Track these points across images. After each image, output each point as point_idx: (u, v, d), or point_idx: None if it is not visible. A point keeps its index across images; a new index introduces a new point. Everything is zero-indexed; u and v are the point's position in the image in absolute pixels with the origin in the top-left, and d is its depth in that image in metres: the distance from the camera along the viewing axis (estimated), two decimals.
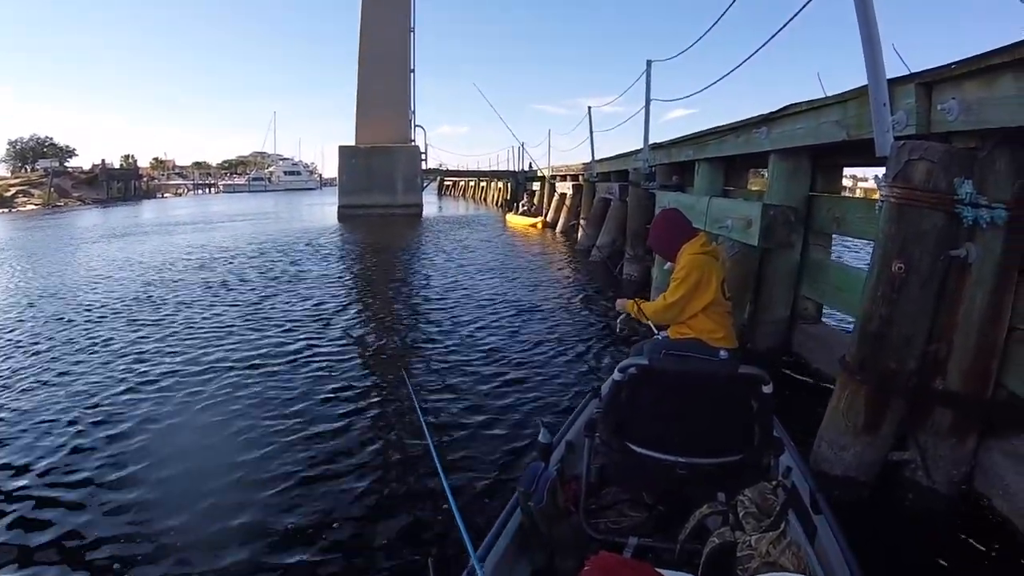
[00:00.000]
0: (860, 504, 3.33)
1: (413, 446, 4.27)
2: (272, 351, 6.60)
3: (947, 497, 3.27)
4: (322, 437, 4.46)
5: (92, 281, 11.55)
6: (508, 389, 5.45)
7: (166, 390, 5.44)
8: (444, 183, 61.64)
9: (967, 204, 3.03)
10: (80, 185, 47.21)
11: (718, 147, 7.10)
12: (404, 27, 30.82)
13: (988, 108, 2.94)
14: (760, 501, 2.03)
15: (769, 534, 1.90)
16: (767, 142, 5.63)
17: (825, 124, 4.57)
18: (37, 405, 5.11)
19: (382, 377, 5.91)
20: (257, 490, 3.70)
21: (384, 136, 29.65)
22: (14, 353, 6.72)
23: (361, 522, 3.40)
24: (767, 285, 5.74)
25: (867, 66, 3.40)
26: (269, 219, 29.50)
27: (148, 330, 7.62)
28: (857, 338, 3.49)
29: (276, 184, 79.41)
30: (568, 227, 19.61)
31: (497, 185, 41.42)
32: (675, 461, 2.55)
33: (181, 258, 14.92)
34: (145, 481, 3.85)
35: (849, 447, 3.40)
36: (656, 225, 3.45)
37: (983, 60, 2.88)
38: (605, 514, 2.74)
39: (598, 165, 15.83)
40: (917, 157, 3.13)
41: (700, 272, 3.04)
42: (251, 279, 11.58)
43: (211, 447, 4.32)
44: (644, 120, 10.57)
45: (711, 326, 3.04)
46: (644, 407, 2.62)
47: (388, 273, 13.10)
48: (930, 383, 3.29)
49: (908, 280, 3.20)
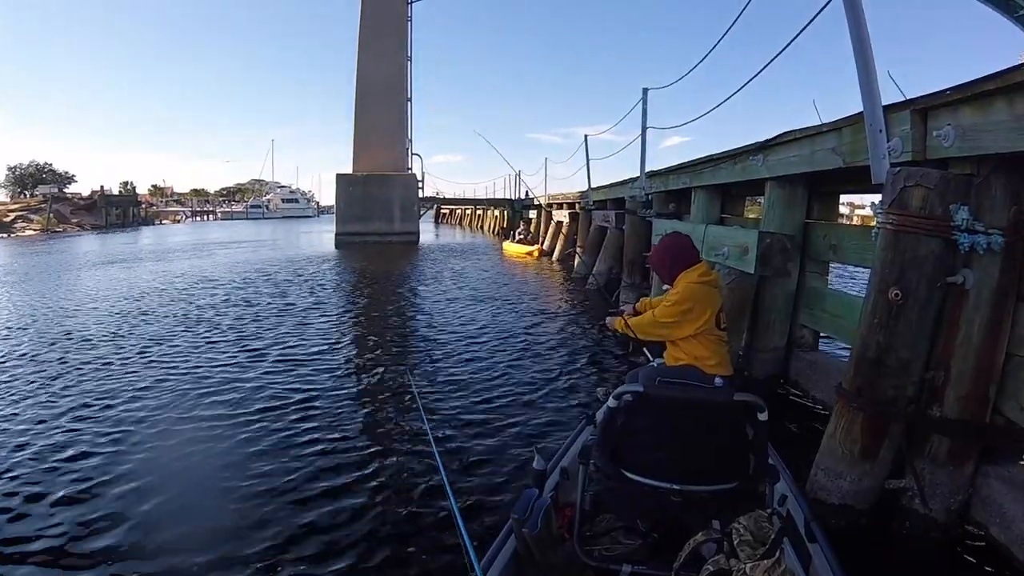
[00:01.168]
0: (857, 532, 3.28)
1: (416, 470, 4.28)
2: (271, 383, 6.54)
3: (944, 525, 3.22)
4: (323, 455, 4.51)
5: (111, 303, 11.56)
6: (503, 415, 5.39)
7: (182, 398, 5.68)
8: (441, 211, 61.90)
9: (964, 230, 3.03)
10: (79, 211, 47.27)
11: (714, 175, 7.13)
12: (401, 57, 31.19)
13: (983, 134, 2.95)
14: (755, 529, 2.00)
15: (764, 562, 1.87)
16: (763, 169, 5.65)
17: (820, 151, 4.59)
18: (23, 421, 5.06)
19: (382, 399, 5.90)
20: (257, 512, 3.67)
21: (381, 164, 29.84)
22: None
23: (355, 549, 3.34)
24: (764, 313, 5.72)
25: (862, 92, 3.42)
26: (266, 246, 29.49)
27: (168, 342, 7.76)
28: (854, 365, 3.46)
29: (274, 211, 79.62)
30: (564, 255, 19.65)
31: (493, 213, 41.67)
32: (670, 488, 2.52)
33: (186, 281, 15.03)
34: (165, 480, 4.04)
35: (846, 474, 3.36)
36: (661, 245, 3.41)
37: (977, 86, 2.89)
38: (599, 541, 2.70)
39: (594, 193, 15.89)
40: (913, 183, 3.14)
41: (692, 302, 3.01)
42: (247, 304, 11.56)
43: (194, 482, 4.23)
44: (640, 148, 10.64)
45: (705, 352, 3.00)
46: (639, 434, 2.61)
47: (386, 298, 13.07)
48: (927, 410, 3.26)
49: (905, 307, 3.19)
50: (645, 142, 10.61)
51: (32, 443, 4.71)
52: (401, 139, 31.52)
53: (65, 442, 4.73)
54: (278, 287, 14.20)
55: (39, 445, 4.67)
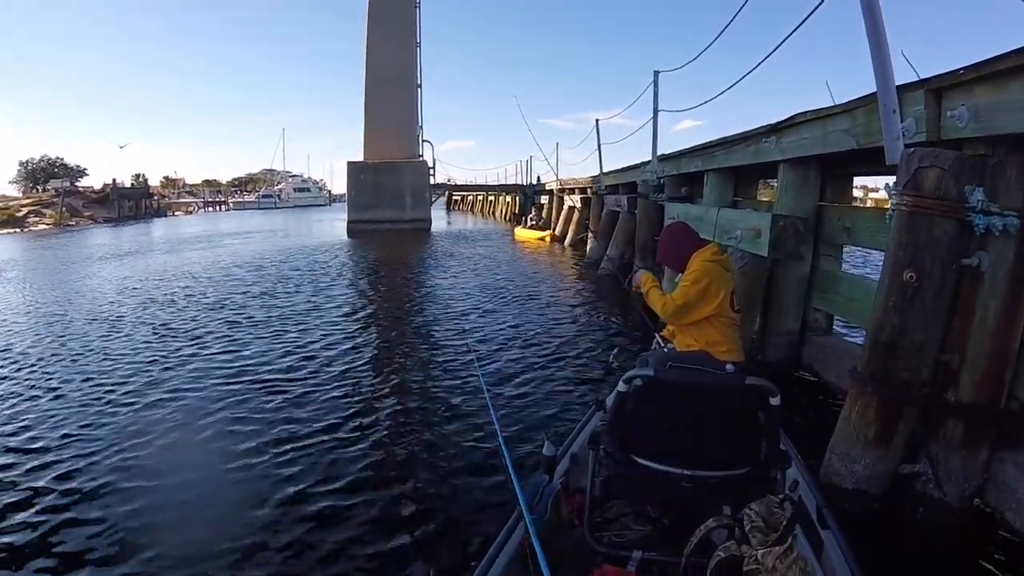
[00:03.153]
0: (871, 517, 3.26)
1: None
2: (285, 362, 6.81)
3: (959, 510, 3.20)
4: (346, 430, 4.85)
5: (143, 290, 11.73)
6: (513, 400, 5.44)
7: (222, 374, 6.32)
8: (452, 198, 61.79)
9: (978, 212, 2.98)
10: (91, 204, 47.42)
11: (726, 158, 7.06)
12: (410, 43, 31.08)
13: (998, 114, 2.89)
14: (767, 515, 1.98)
15: (776, 549, 1.85)
16: (776, 152, 5.59)
17: (834, 133, 4.53)
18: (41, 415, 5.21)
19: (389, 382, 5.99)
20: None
21: (392, 151, 29.80)
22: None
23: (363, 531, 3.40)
24: (777, 296, 5.68)
25: (875, 72, 3.36)
26: (279, 235, 29.64)
27: (193, 324, 8.63)
28: (868, 349, 3.43)
29: (286, 201, 79.71)
30: (577, 240, 19.64)
31: (505, 199, 41.53)
32: (680, 474, 2.50)
33: (204, 269, 15.40)
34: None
35: (860, 459, 3.34)
36: (664, 239, 3.37)
37: (992, 65, 2.84)
38: (609, 527, 2.70)
39: (606, 178, 15.81)
40: (927, 165, 3.09)
41: (710, 278, 2.96)
42: (262, 294, 11.68)
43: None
44: (652, 131, 10.57)
45: (717, 337, 2.96)
46: (649, 419, 2.58)
47: (400, 285, 13.24)
48: (942, 394, 3.23)
49: (920, 289, 3.15)
50: (657, 125, 10.54)
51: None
52: (412, 126, 31.45)
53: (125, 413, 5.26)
54: (294, 273, 14.47)
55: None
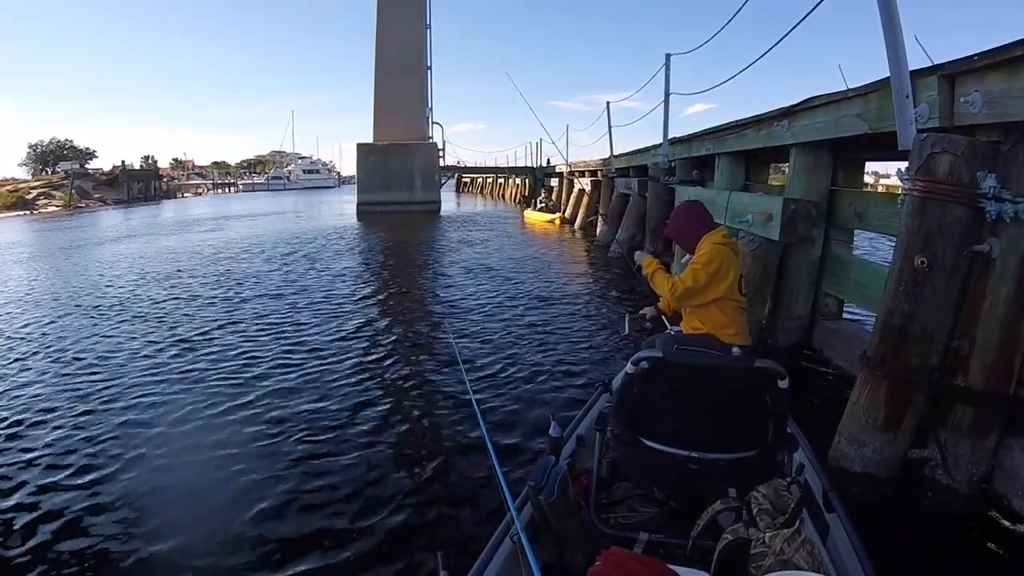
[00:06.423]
0: (878, 501, 3.29)
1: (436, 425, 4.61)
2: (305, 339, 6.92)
3: (966, 496, 3.21)
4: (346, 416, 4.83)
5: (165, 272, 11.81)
6: (520, 381, 5.48)
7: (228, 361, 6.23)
8: (462, 180, 61.63)
9: (990, 198, 2.97)
10: (101, 186, 47.43)
11: (738, 141, 7.02)
12: (420, 25, 30.81)
13: (1012, 101, 2.87)
14: (774, 498, 2.00)
15: (784, 531, 1.87)
16: (788, 135, 5.55)
17: (846, 117, 4.50)
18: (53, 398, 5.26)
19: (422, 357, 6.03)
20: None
21: (402, 133, 29.71)
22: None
23: (367, 515, 3.44)
24: (787, 280, 5.68)
25: (889, 58, 3.33)
26: (289, 217, 29.68)
27: (208, 311, 8.55)
28: (878, 333, 3.43)
29: (295, 183, 79.46)
30: (586, 223, 19.58)
31: (515, 181, 41.35)
32: (687, 456, 2.51)
33: (216, 250, 15.40)
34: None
35: (868, 443, 3.35)
36: (677, 214, 3.32)
37: (1006, 52, 2.81)
38: (616, 509, 2.73)
39: (616, 160, 15.74)
40: (940, 150, 3.07)
41: (720, 261, 2.93)
42: (270, 276, 11.72)
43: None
44: (663, 114, 10.53)
45: (724, 320, 2.95)
46: (656, 401, 2.58)
47: (410, 267, 13.29)
48: (951, 379, 3.23)
49: (931, 275, 3.15)
50: (668, 108, 10.49)
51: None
52: (421, 108, 31.29)
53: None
54: (309, 250, 14.61)
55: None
